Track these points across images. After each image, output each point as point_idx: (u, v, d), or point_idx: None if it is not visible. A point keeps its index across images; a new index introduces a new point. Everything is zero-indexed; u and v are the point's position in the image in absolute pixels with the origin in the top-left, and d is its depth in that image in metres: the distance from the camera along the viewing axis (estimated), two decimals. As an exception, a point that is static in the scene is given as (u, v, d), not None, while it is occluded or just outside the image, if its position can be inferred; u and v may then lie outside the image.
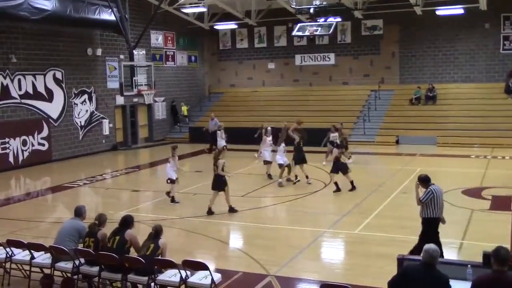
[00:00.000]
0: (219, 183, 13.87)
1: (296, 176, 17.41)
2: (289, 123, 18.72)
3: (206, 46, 35.00)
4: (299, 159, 17.26)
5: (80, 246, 8.93)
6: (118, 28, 25.28)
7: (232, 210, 13.84)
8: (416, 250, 9.30)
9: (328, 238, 11.87)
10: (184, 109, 32.02)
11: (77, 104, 25.12)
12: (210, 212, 13.77)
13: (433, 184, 9.64)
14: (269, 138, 18.56)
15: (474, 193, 15.55)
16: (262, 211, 14.39)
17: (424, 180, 9.71)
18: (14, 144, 22.01)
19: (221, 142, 22.39)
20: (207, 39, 34.66)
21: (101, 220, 9.02)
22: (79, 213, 9.46)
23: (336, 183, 15.97)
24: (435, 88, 28.56)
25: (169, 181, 15.24)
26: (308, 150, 22.65)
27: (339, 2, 23.50)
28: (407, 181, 17.58)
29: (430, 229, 9.58)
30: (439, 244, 9.54)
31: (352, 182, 16.03)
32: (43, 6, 20.98)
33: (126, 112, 28.29)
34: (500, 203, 14.35)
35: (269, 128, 19.18)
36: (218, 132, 23.15)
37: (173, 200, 15.15)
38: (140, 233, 9.72)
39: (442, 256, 9.55)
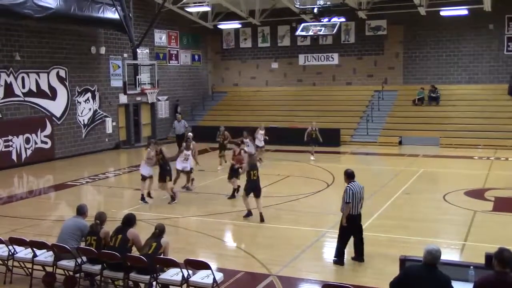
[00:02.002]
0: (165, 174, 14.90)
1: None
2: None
3: (210, 45, 35.01)
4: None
5: (82, 245, 8.95)
6: (122, 26, 25.28)
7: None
8: (338, 247, 9.93)
9: (330, 238, 11.85)
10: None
11: (80, 103, 25.15)
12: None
13: (354, 181, 9.90)
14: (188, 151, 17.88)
15: (477, 194, 15.52)
16: (264, 210, 14.36)
17: (348, 176, 10.00)
18: (17, 142, 22.04)
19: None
20: (210, 38, 34.67)
21: (101, 218, 9.03)
22: (81, 211, 9.48)
23: None
24: (438, 89, 28.51)
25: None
26: (308, 150, 22.71)
27: (343, 2, 23.45)
28: (410, 182, 17.58)
29: (349, 225, 9.83)
30: (362, 241, 10.04)
31: None
32: (47, 4, 20.99)
33: (129, 111, 28.32)
34: (503, 205, 14.33)
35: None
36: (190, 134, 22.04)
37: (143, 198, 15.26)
38: (142, 231, 9.72)
39: (360, 254, 9.96)
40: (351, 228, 9.96)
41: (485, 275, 5.73)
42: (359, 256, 10.06)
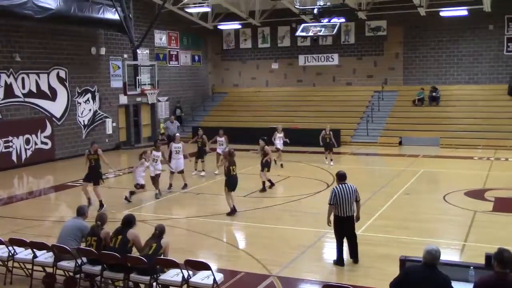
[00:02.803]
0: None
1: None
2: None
3: (210, 46, 35.03)
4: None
5: (83, 245, 8.95)
6: (122, 27, 25.29)
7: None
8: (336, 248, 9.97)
9: (330, 239, 11.83)
10: (162, 127, 29.19)
11: (80, 103, 25.16)
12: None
13: (345, 183, 9.83)
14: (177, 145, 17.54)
15: (477, 194, 15.52)
16: (264, 211, 14.38)
17: (339, 177, 9.99)
18: (17, 142, 22.05)
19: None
20: (210, 39, 34.69)
21: (102, 219, 9.04)
22: (82, 212, 9.49)
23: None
24: (438, 90, 28.52)
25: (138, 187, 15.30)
26: (308, 151, 22.71)
27: (343, 2, 23.45)
28: (410, 182, 17.58)
29: (338, 227, 9.91)
30: (354, 244, 10.00)
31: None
32: (47, 5, 21.02)
33: (130, 112, 28.33)
34: (503, 205, 14.33)
35: (178, 134, 18.79)
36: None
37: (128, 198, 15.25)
38: (142, 232, 9.72)
39: (353, 256, 9.98)
40: (340, 230, 9.92)
41: (485, 276, 5.74)
42: (353, 257, 10.02)
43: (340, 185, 9.84)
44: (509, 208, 14.19)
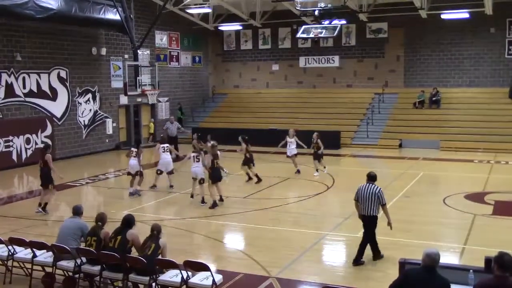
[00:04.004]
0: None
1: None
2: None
3: (211, 47, 35.04)
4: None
5: (83, 245, 8.95)
6: (123, 27, 25.30)
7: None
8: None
9: (330, 241, 11.86)
10: (151, 126, 29.42)
11: (81, 103, 25.17)
12: None
13: (371, 183, 10.12)
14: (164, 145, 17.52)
15: (477, 198, 15.51)
16: (264, 212, 14.38)
17: (367, 177, 10.29)
18: (18, 142, 22.05)
19: None
20: (211, 40, 34.70)
21: (102, 219, 9.04)
22: (79, 211, 9.52)
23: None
24: (439, 92, 28.52)
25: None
26: (309, 152, 22.69)
27: (344, 4, 23.47)
28: (410, 185, 17.58)
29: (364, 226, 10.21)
30: (363, 242, 10.16)
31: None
32: (49, 5, 21.02)
33: (130, 112, 28.33)
34: (503, 208, 14.33)
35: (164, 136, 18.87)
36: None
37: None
38: (142, 233, 9.71)
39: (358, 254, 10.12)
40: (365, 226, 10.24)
41: (484, 279, 5.73)
42: (356, 255, 10.10)
43: (366, 184, 10.15)
44: (509, 211, 14.19)
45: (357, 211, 10.33)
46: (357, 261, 10.02)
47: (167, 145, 17.54)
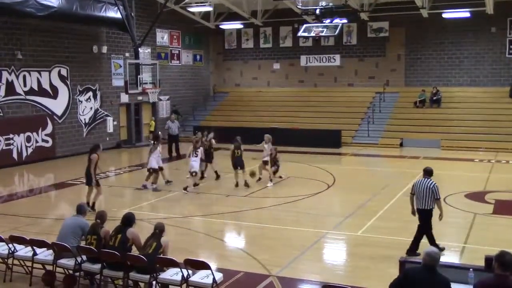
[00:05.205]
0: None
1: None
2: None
3: (212, 46, 35.02)
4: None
5: (83, 243, 8.95)
6: (124, 26, 25.32)
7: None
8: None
9: (330, 240, 11.86)
10: (152, 124, 28.86)
11: (81, 101, 25.17)
12: None
13: (427, 178, 10.43)
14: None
15: (478, 197, 15.51)
16: (264, 211, 14.39)
17: (423, 172, 10.67)
18: (18, 140, 22.06)
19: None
20: (212, 39, 34.69)
21: (102, 218, 9.04)
22: (81, 210, 9.51)
23: None
24: (440, 92, 28.51)
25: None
26: (310, 151, 22.70)
27: (345, 3, 23.45)
28: (411, 183, 17.52)
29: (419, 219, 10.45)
30: (418, 235, 10.32)
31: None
32: (49, 3, 21.04)
33: (131, 110, 28.33)
34: (504, 208, 14.32)
35: (160, 133, 19.01)
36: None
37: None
38: (142, 231, 9.73)
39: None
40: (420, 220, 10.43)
41: (484, 278, 5.73)
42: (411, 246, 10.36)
43: (422, 178, 10.49)
44: (509, 210, 14.18)
45: (411, 205, 10.58)
46: (412, 251, 10.18)
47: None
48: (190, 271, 8.06)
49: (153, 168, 16.71)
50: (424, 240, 10.71)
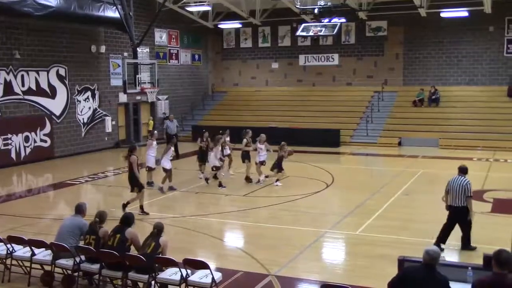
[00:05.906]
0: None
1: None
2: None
3: (210, 45, 35.01)
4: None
5: (81, 243, 8.93)
6: (122, 25, 25.28)
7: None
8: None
9: (329, 239, 11.87)
10: (150, 123, 28.64)
11: (80, 101, 25.14)
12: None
13: (461, 175, 10.76)
14: (155, 143, 17.69)
15: (476, 195, 15.43)
16: (263, 210, 14.39)
17: (458, 169, 10.97)
18: (17, 140, 22.02)
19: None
20: (211, 38, 34.68)
21: (101, 217, 9.02)
22: (80, 210, 9.47)
23: None
24: (438, 91, 28.53)
25: (214, 169, 17.11)
26: (309, 150, 22.70)
27: (343, 3, 23.46)
28: (409, 182, 17.59)
29: (449, 214, 10.73)
30: (464, 231, 10.63)
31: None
32: (47, 3, 21.00)
33: (129, 110, 28.31)
34: (502, 206, 14.35)
35: (155, 132, 18.67)
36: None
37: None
38: (141, 231, 9.72)
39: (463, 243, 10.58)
40: (449, 216, 10.68)
41: (483, 276, 5.73)
42: (462, 243, 10.65)
43: (457, 176, 10.75)
44: (507, 209, 14.20)
45: (445, 202, 10.85)
46: (442, 240, 10.48)
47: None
48: (189, 271, 8.05)
49: (165, 169, 16.65)
50: (423, 239, 10.72)
